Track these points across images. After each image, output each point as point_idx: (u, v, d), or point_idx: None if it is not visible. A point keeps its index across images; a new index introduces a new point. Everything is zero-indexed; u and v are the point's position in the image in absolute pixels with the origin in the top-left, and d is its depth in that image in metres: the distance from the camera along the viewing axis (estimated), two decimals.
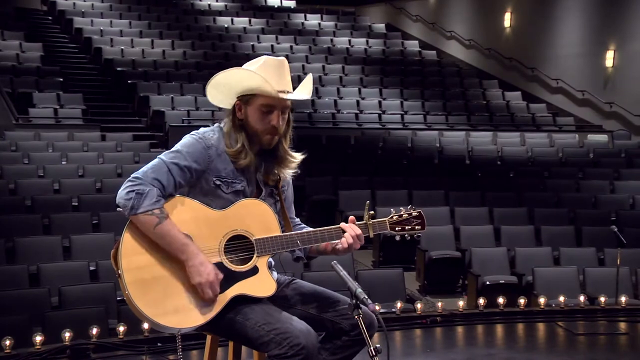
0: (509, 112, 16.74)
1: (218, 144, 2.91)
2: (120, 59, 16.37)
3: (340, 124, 15.05)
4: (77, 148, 11.84)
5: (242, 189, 2.93)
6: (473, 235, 9.46)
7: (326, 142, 13.71)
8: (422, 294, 8.97)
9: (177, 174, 2.81)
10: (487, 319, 6.78)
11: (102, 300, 6.51)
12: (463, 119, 16.21)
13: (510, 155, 13.79)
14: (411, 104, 16.51)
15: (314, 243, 2.99)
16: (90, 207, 8.96)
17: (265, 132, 2.92)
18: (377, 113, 15.76)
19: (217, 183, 2.89)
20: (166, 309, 2.71)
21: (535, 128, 16.12)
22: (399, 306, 6.68)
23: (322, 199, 10.91)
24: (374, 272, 8.29)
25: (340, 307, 2.98)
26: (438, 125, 15.71)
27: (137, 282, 2.70)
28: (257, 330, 2.76)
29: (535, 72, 17.86)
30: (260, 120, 2.91)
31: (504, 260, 8.75)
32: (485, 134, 15.34)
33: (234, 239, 2.87)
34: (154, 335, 5.73)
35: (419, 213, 3.14)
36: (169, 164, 2.81)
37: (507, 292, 7.46)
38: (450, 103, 16.76)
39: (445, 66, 19.44)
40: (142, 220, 2.71)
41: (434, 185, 11.26)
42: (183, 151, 2.85)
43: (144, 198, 2.71)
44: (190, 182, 2.87)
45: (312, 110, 15.36)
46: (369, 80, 17.40)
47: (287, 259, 3.14)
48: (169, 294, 2.73)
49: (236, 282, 2.82)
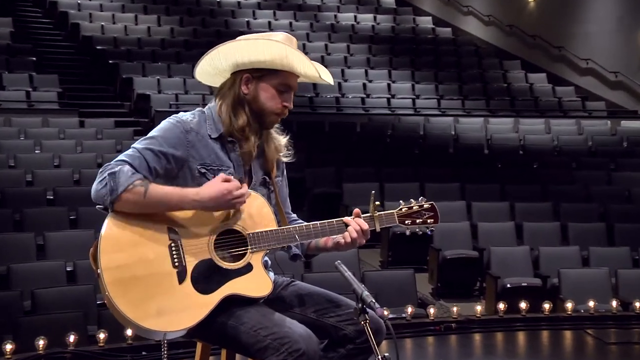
0: (533, 96, 16.71)
1: (198, 129, 2.91)
2: (100, 37, 16.34)
3: (344, 109, 15.02)
4: (53, 135, 11.83)
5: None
6: (492, 233, 9.46)
7: (329, 129, 13.70)
8: (435, 297, 8.97)
9: (151, 159, 2.80)
10: (507, 326, 6.79)
11: (81, 304, 6.52)
12: (481, 103, 16.18)
13: (533, 144, 13.78)
14: (423, 87, 16.49)
15: (314, 237, 2.98)
16: (67, 201, 8.95)
17: (273, 113, 2.94)
18: (386, 97, 15.74)
19: (202, 171, 2.88)
20: (149, 310, 2.70)
21: (561, 114, 16.10)
22: (410, 311, 6.68)
23: (324, 192, 10.91)
24: (382, 273, 8.31)
25: (344, 311, 2.97)
26: (453, 110, 15.69)
27: (118, 281, 2.70)
28: (252, 335, 2.75)
29: (562, 52, 17.82)
30: (272, 99, 2.92)
31: (526, 261, 8.75)
32: (506, 120, 15.31)
33: (225, 234, 2.86)
34: (138, 342, 5.74)
35: (431, 205, 3.14)
36: (141, 150, 2.81)
37: (530, 296, 7.47)
38: (466, 86, 16.73)
39: (461, 45, 19.39)
40: (128, 198, 2.71)
41: (449, 177, 11.26)
42: (158, 136, 2.85)
43: (118, 176, 2.71)
44: (171, 172, 2.86)
45: (314, 94, 15.35)
46: (376, 61, 17.36)
47: (284, 258, 3.13)
48: (153, 294, 2.72)
49: (228, 280, 2.81)
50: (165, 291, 2.73)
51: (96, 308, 6.55)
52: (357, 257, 8.09)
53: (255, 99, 2.93)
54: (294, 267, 6.81)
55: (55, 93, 13.88)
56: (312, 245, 3.09)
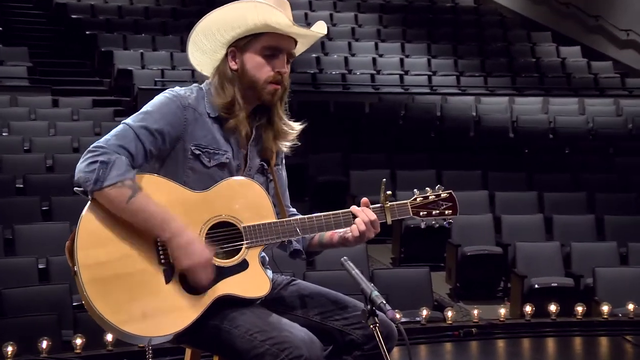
0: (565, 73, 16.67)
1: (196, 105, 2.91)
2: (75, 4, 16.31)
3: (352, 88, 15.00)
4: (22, 116, 11.83)
5: (226, 161, 2.93)
6: (518, 227, 9.46)
7: (334, 109, 13.69)
8: (453, 299, 9.00)
9: (148, 140, 2.81)
10: (535, 331, 6.81)
11: (55, 305, 6.53)
12: (506, 81, 16.14)
13: (565, 126, 13.76)
14: (441, 62, 16.45)
15: (317, 231, 2.98)
16: (39, 190, 8.96)
17: (267, 82, 2.92)
18: (398, 74, 15.71)
19: (196, 153, 2.89)
20: (132, 313, 2.71)
21: (597, 92, 16.06)
22: (425, 314, 6.70)
23: (329, 181, 10.92)
24: (393, 272, 8.32)
25: (351, 314, 2.98)
26: (474, 89, 15.66)
27: (97, 280, 2.70)
28: (248, 340, 2.76)
29: (599, 22, 17.77)
30: (259, 67, 2.91)
31: (556, 258, 8.76)
32: (534, 99, 15.28)
33: (218, 227, 2.87)
34: (120, 349, 5.76)
35: (449, 194, 3.14)
36: (136, 128, 2.80)
37: (561, 298, 7.48)
38: (490, 61, 16.69)
39: (484, 14, 19.35)
40: (110, 195, 2.71)
41: (469, 164, 11.26)
42: (153, 112, 2.85)
43: (110, 168, 2.70)
44: (163, 152, 2.87)
45: (317, 70, 15.33)
46: (388, 33, 17.33)
47: (282, 256, 3.13)
48: (136, 294, 2.73)
49: (221, 279, 2.82)
50: (150, 291, 2.74)
51: (72, 310, 6.57)
52: (366, 254, 8.10)
53: (244, 72, 2.92)
54: (295, 265, 6.80)
55: (25, 68, 13.86)
56: (314, 241, 3.10)
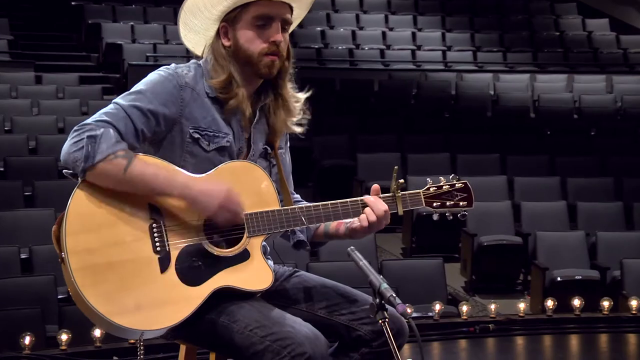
0: (591, 47, 16.64)
1: (194, 84, 2.92)
2: None
3: (359, 64, 14.99)
4: (3, 93, 11.83)
5: (227, 144, 2.93)
6: (539, 215, 9.48)
7: (341, 88, 13.69)
8: (468, 292, 9.02)
9: (140, 121, 2.80)
10: (557, 328, 6.82)
11: (38, 298, 6.55)
12: (527, 56, 16.12)
13: (591, 105, 13.75)
14: (456, 36, 16.42)
15: (324, 220, 2.98)
16: (21, 174, 8.95)
17: (262, 54, 2.92)
18: (410, 49, 15.68)
19: (194, 136, 2.89)
20: (124, 304, 2.71)
21: (627, 69, 16.04)
22: (438, 309, 6.71)
23: (335, 165, 10.93)
24: (404, 263, 8.34)
25: (359, 308, 2.99)
26: (492, 65, 15.65)
27: (87, 268, 2.71)
28: (247, 335, 2.77)
29: None
30: (252, 40, 2.92)
31: (581, 249, 8.77)
32: (558, 77, 15.25)
33: None
34: (109, 345, 5.78)
35: (464, 185, 3.15)
36: (127, 108, 2.80)
37: (586, 292, 7.50)
38: (509, 35, 16.66)
39: None
40: (105, 169, 2.71)
41: (486, 146, 11.26)
42: (146, 91, 2.85)
43: (99, 142, 2.70)
44: (158, 135, 2.87)
45: (322, 44, 15.30)
46: (398, 5, 17.29)
47: (285, 246, 3.13)
48: (129, 284, 2.73)
49: (220, 270, 2.82)
50: (144, 281, 2.75)
51: (57, 304, 6.59)
52: (374, 244, 8.12)
53: (237, 48, 2.93)
54: (297, 255, 6.80)
55: (6, 41, 13.86)
56: (319, 231, 3.10)
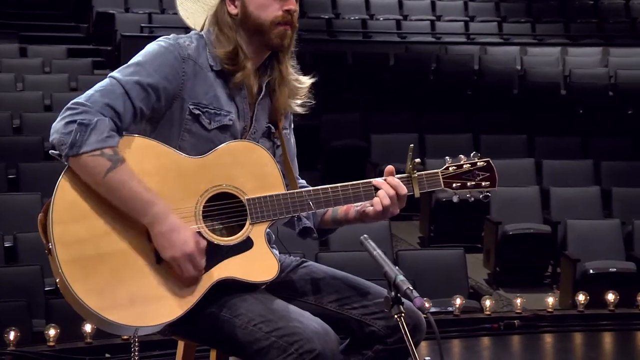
0: (629, 17, 16.58)
1: (197, 57, 2.92)
2: None
3: (373, 36, 14.97)
4: None
5: (229, 123, 2.93)
6: (569, 202, 9.47)
7: (353, 62, 13.68)
8: (492, 286, 9.02)
9: (139, 97, 2.80)
10: (589, 324, 6.82)
11: (24, 291, 6.57)
12: (558, 27, 16.08)
13: (628, 81, 13.70)
14: (479, 5, 16.39)
15: (333, 205, 2.98)
16: (4, 155, 8.94)
17: (274, 23, 2.92)
18: (429, 19, 15.66)
19: (195, 113, 2.89)
20: (118, 299, 2.72)
21: None
22: (459, 303, 6.72)
23: (346, 145, 10.95)
24: (421, 253, 8.34)
25: (372, 301, 3.00)
26: (519, 37, 15.62)
27: (76, 260, 2.72)
28: (251, 331, 2.78)
29: None
30: (264, 7, 2.92)
31: (616, 239, 8.76)
32: (591, 50, 15.21)
33: (217, 199, 2.88)
34: (100, 341, 5.80)
35: (486, 163, 3.15)
36: (125, 83, 2.80)
37: (621, 286, 7.49)
38: (537, 4, 16.61)
39: None
40: (86, 163, 2.71)
41: (512, 126, 11.26)
42: (146, 64, 2.85)
43: (90, 131, 2.70)
44: (157, 111, 2.88)
45: (332, 14, 15.28)
46: None
47: (290, 234, 3.14)
48: (122, 277, 2.74)
49: (221, 260, 2.83)
50: (138, 274, 2.76)
51: (44, 296, 6.61)
52: (389, 232, 8.12)
53: (246, 15, 2.93)
54: (305, 244, 6.82)
55: None
56: (327, 217, 3.11)
